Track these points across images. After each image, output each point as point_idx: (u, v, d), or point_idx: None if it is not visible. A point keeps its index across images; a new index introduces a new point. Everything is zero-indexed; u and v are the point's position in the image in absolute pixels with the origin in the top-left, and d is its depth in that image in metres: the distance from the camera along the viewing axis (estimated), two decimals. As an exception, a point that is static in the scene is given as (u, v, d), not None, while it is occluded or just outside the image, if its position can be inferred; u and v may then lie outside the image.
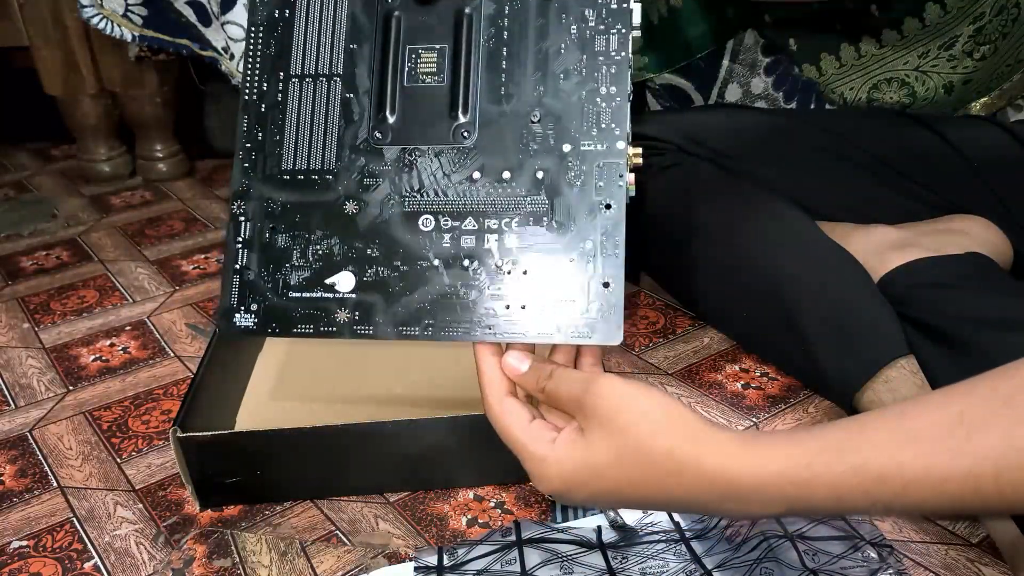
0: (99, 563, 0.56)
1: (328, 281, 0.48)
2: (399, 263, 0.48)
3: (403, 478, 0.61)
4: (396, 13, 0.51)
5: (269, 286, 0.48)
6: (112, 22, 1.01)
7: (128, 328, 0.85)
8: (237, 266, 0.49)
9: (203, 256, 1.00)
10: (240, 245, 0.49)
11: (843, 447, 0.38)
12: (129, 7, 1.00)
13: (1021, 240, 0.74)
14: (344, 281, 0.48)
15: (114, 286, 0.93)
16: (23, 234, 1.08)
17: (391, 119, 0.50)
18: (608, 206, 0.47)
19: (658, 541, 0.55)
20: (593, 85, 0.49)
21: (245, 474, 0.59)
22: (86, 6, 1.00)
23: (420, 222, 0.48)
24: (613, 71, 0.49)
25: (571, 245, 0.47)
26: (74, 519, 0.60)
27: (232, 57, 1.03)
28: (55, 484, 0.64)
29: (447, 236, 0.48)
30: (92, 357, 0.80)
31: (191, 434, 0.56)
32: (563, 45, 0.50)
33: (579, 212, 0.47)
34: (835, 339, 0.64)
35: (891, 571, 0.52)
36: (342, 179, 0.49)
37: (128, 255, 1.01)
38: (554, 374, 0.45)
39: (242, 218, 0.49)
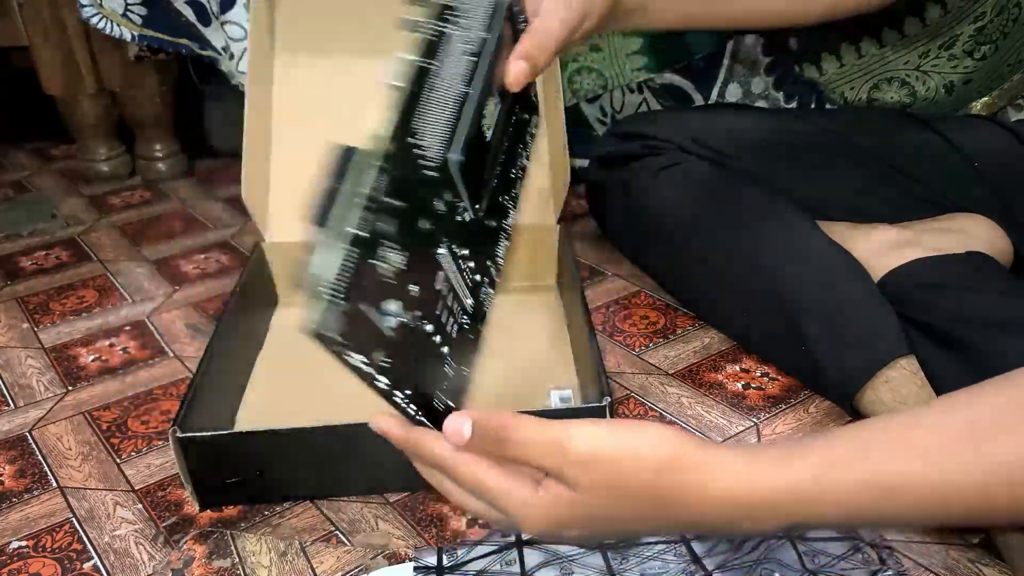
0: (99, 563, 0.56)
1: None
2: None
3: (403, 478, 0.61)
4: None
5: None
6: (112, 22, 1.01)
7: (128, 328, 0.85)
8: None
9: (203, 256, 1.00)
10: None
11: (851, 460, 0.37)
12: (129, 7, 1.00)
13: (1021, 239, 0.74)
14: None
15: (113, 286, 0.93)
16: (23, 234, 1.07)
17: None
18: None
19: (658, 542, 0.54)
20: None
21: (245, 474, 0.59)
22: (86, 6, 1.00)
23: None
24: None
25: None
26: (73, 519, 0.60)
27: (232, 57, 1.02)
28: (54, 484, 0.64)
29: None
30: (91, 357, 0.80)
31: (191, 434, 0.56)
32: None
33: None
34: (835, 339, 0.64)
35: (891, 572, 0.52)
36: None
37: (128, 255, 1.01)
38: (517, 440, 0.39)
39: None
